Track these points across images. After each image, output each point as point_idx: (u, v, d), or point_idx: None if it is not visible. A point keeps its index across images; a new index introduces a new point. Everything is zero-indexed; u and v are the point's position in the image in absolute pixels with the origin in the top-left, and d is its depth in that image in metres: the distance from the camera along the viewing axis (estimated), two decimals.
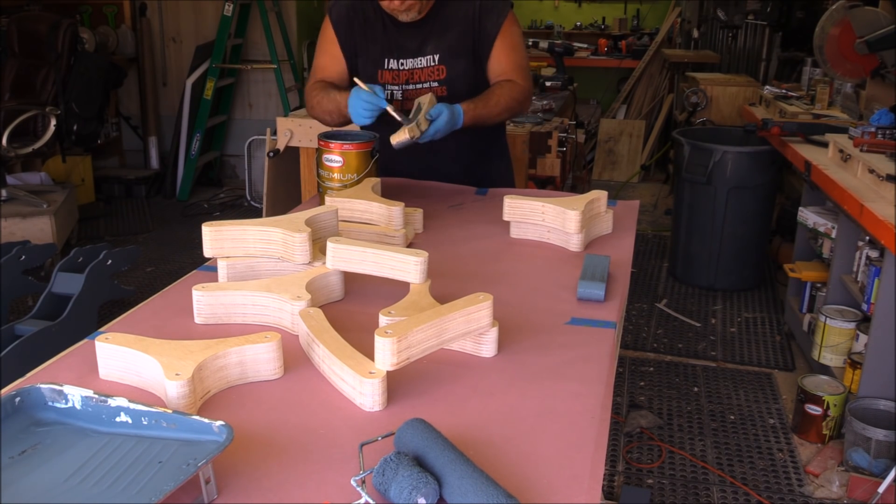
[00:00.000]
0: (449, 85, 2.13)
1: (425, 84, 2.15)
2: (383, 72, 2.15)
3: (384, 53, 2.14)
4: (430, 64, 2.13)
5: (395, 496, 0.88)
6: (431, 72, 2.13)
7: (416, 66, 2.13)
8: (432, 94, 1.96)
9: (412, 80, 2.14)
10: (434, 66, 2.13)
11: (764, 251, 4.16)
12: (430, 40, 2.12)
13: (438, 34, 2.11)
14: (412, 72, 2.13)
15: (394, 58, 2.14)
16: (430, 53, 2.12)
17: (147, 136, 6.05)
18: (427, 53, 2.13)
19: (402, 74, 2.14)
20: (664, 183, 5.88)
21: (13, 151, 4.23)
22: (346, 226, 1.71)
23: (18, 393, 1.01)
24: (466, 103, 2.00)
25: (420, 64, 2.13)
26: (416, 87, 2.15)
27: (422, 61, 2.13)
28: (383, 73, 2.15)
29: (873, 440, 2.49)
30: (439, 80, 2.14)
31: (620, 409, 2.97)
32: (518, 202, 1.80)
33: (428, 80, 2.14)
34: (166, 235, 4.99)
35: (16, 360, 2.60)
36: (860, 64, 3.53)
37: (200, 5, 5.82)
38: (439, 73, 2.13)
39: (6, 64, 4.57)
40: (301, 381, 1.19)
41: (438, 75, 2.13)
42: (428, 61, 2.13)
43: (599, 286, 1.48)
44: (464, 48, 2.12)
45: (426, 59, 2.13)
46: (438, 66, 2.13)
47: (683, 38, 6.87)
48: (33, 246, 3.35)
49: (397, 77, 2.15)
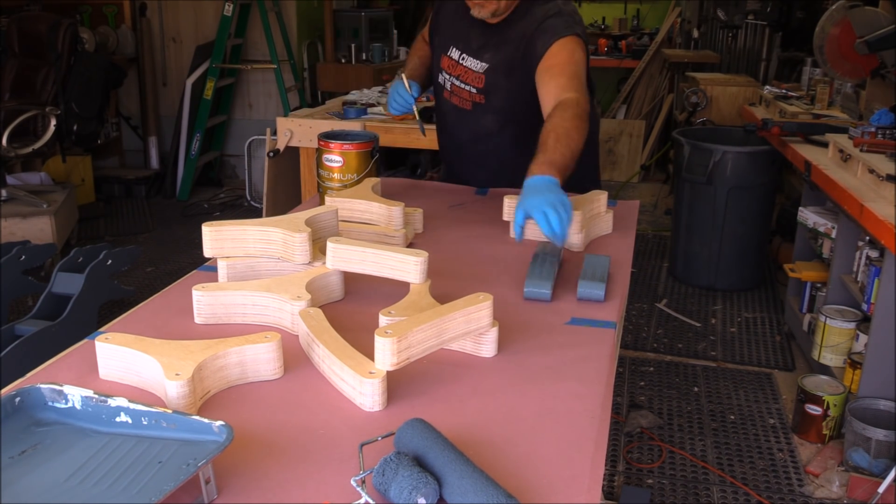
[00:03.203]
0: (486, 95, 2.12)
1: (469, 87, 2.15)
2: (445, 57, 2.18)
3: (451, 41, 2.16)
4: (477, 69, 2.12)
5: (395, 496, 0.88)
6: (476, 77, 2.12)
7: (468, 66, 2.13)
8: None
9: (462, 77, 2.15)
10: (479, 73, 2.11)
11: (764, 251, 4.16)
12: (490, 48, 2.10)
13: (498, 44, 2.09)
14: (466, 71, 2.14)
15: (458, 49, 2.15)
16: (482, 60, 2.11)
17: (147, 136, 6.05)
18: (481, 59, 2.11)
19: (458, 69, 2.15)
20: (664, 183, 5.88)
21: (13, 151, 4.23)
22: (346, 226, 1.71)
23: (18, 393, 1.01)
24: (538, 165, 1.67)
25: (472, 65, 2.13)
26: (461, 86, 2.16)
27: (474, 64, 2.12)
28: (444, 59, 2.19)
29: (873, 440, 2.49)
30: (477, 88, 2.13)
31: (620, 409, 2.97)
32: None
33: (471, 83, 2.14)
34: (166, 235, 4.99)
35: (16, 360, 2.60)
36: (860, 64, 3.53)
37: (200, 5, 5.81)
38: (479, 81, 2.11)
39: (6, 64, 4.57)
40: (301, 381, 1.19)
41: (478, 83, 2.12)
42: (478, 66, 2.11)
43: (599, 286, 1.48)
44: (512, 66, 2.07)
45: (478, 63, 2.12)
46: (481, 75, 2.11)
47: (683, 38, 6.87)
48: (33, 246, 3.34)
49: (454, 68, 2.16)
